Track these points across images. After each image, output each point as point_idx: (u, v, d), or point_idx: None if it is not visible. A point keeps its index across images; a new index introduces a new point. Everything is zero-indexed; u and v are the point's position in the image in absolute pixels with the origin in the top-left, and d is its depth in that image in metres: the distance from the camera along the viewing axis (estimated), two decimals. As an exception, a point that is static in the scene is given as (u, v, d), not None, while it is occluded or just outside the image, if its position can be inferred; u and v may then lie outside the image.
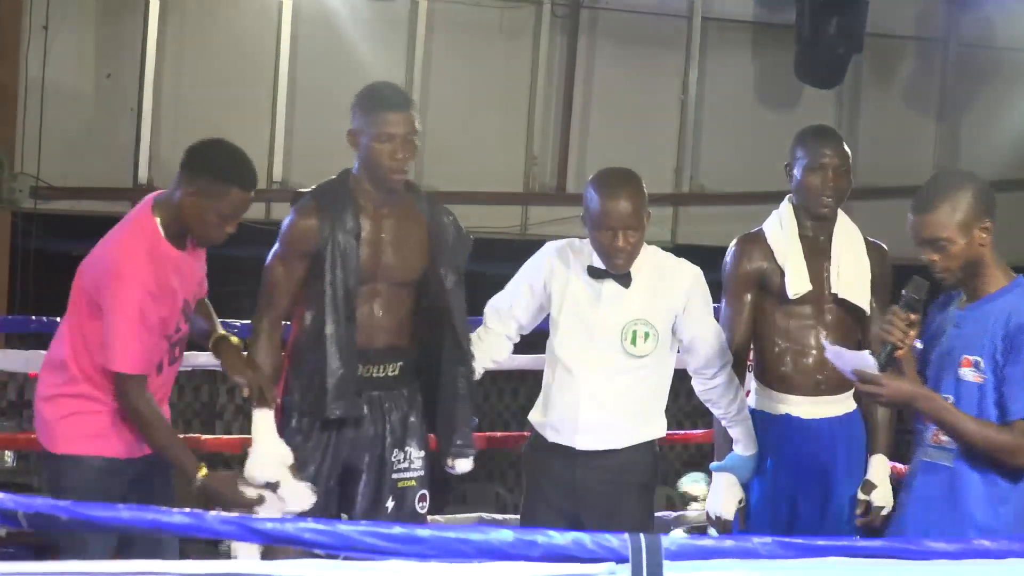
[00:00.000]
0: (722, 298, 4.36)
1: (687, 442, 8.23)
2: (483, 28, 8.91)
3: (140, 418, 3.77)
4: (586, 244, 4.07)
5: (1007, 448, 3.35)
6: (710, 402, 4.21)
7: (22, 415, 8.52)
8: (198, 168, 3.78)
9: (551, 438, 4.09)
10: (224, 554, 3.98)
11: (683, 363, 4.20)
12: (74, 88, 8.20)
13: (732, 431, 4.23)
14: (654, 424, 4.12)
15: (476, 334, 4.16)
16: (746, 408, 4.23)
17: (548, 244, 4.18)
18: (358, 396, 3.94)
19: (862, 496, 4.28)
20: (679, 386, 4.29)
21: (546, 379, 4.13)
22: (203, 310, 4.01)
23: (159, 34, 8.26)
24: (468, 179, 8.79)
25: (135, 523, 2.28)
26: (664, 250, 4.14)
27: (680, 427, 6.92)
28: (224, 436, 6.76)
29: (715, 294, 4.31)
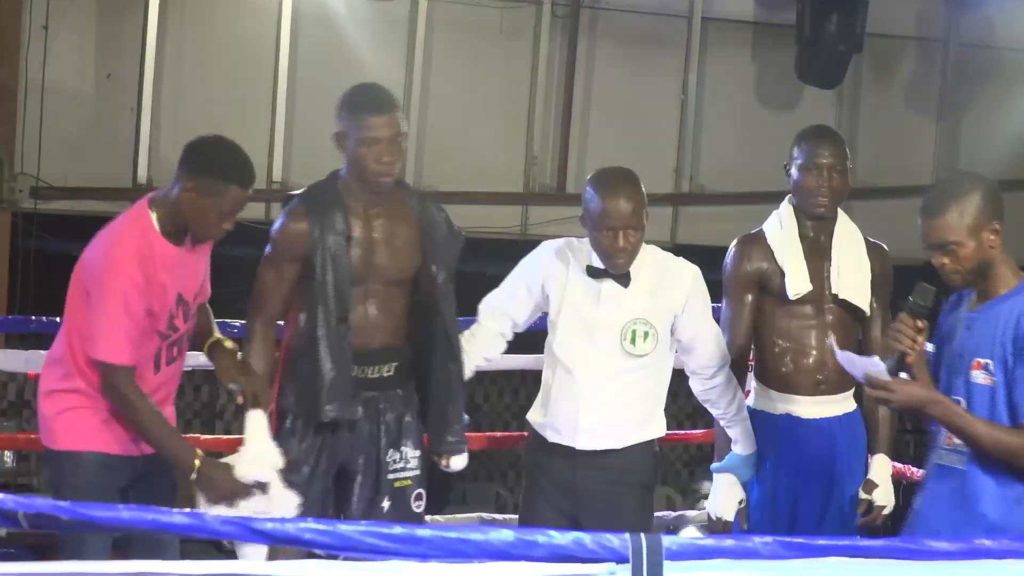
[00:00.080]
0: (722, 299, 4.37)
1: (687, 442, 8.23)
2: (483, 28, 8.90)
3: (128, 406, 3.76)
4: (584, 244, 4.06)
5: (1018, 451, 3.33)
6: (708, 402, 4.21)
7: (22, 415, 8.51)
8: (197, 165, 3.78)
9: (551, 438, 4.08)
10: (227, 554, 3.97)
11: (681, 363, 4.19)
12: (74, 88, 8.19)
13: (731, 431, 4.23)
14: (654, 424, 4.12)
15: (470, 331, 4.16)
16: (745, 408, 4.23)
17: (546, 243, 4.17)
18: (352, 398, 3.94)
19: (864, 496, 4.28)
20: (679, 386, 4.29)
21: (545, 379, 4.13)
22: (201, 312, 4.01)
23: (159, 34, 8.26)
24: (468, 179, 8.78)
25: (135, 523, 2.28)
26: (664, 250, 4.13)
27: (680, 427, 6.92)
28: (224, 436, 6.74)
29: (715, 294, 4.31)
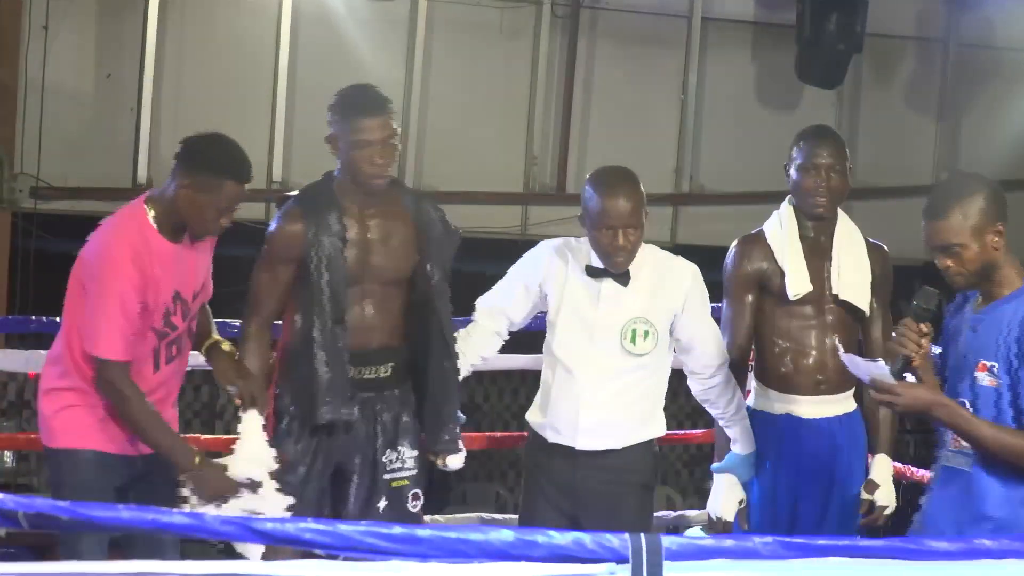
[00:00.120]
0: (723, 299, 4.36)
1: (687, 442, 8.22)
2: (483, 28, 8.90)
3: (123, 402, 3.75)
4: (583, 243, 4.06)
5: (1023, 453, 3.32)
6: (708, 402, 4.21)
7: (22, 415, 8.50)
8: (193, 162, 3.78)
9: (551, 438, 4.08)
10: (226, 554, 3.97)
11: (680, 363, 4.19)
12: (74, 88, 8.19)
13: (730, 431, 4.22)
14: (653, 424, 4.12)
15: (466, 330, 4.14)
16: (744, 407, 4.23)
17: (543, 243, 4.16)
18: (348, 400, 3.93)
19: (865, 496, 4.28)
20: (679, 386, 4.29)
21: (545, 379, 4.12)
22: (200, 313, 4.00)
23: (159, 34, 8.26)
24: (468, 179, 8.78)
25: (135, 523, 2.28)
26: (663, 250, 4.13)
27: (680, 427, 6.91)
28: (224, 436, 6.74)
29: (715, 294, 4.31)
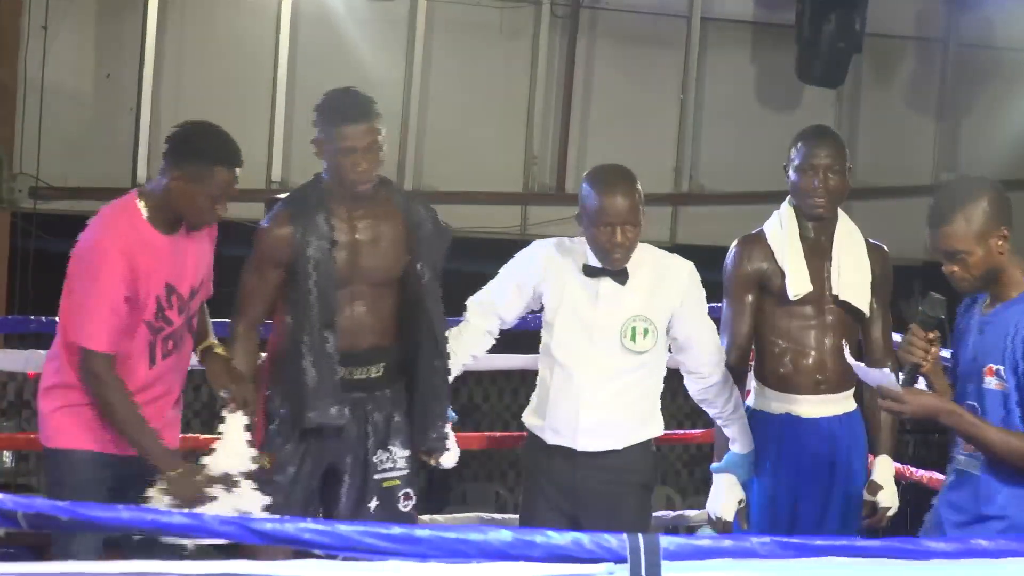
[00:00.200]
0: (723, 299, 4.36)
1: (687, 442, 8.22)
2: (482, 28, 8.90)
3: (103, 394, 3.74)
4: (577, 243, 4.04)
5: None
6: (705, 402, 4.19)
7: (21, 415, 8.50)
8: (181, 153, 3.79)
9: (550, 440, 4.06)
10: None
11: (677, 363, 4.18)
12: (73, 88, 8.19)
13: (728, 430, 4.21)
14: (653, 423, 4.11)
15: (457, 328, 4.13)
16: (742, 406, 4.22)
17: (536, 243, 4.13)
18: (336, 404, 3.92)
19: (868, 497, 4.28)
20: (679, 386, 4.28)
21: (542, 380, 4.10)
22: (199, 313, 4.00)
23: (158, 34, 8.26)
24: (467, 179, 8.79)
25: (135, 523, 2.28)
26: (660, 249, 4.12)
27: (680, 427, 6.91)
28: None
29: (715, 294, 4.30)
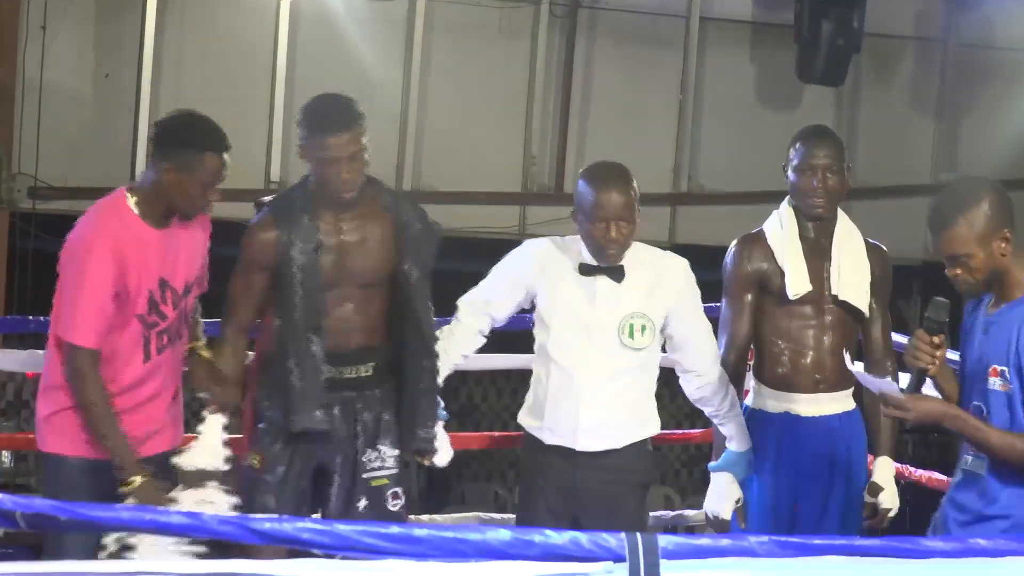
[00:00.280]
0: (722, 298, 4.36)
1: (686, 442, 8.22)
2: (481, 28, 8.91)
3: (82, 391, 3.73)
4: (571, 242, 4.03)
5: None
6: (702, 400, 4.18)
7: (20, 415, 8.51)
8: (169, 143, 3.79)
9: (548, 440, 4.05)
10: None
11: (672, 363, 4.17)
12: (72, 88, 8.20)
13: (724, 428, 4.20)
14: (651, 422, 4.11)
15: (449, 328, 4.11)
16: (737, 404, 4.21)
17: (529, 242, 4.12)
18: (321, 408, 3.91)
19: (869, 499, 4.28)
20: (679, 386, 4.28)
21: (537, 380, 4.08)
22: (192, 313, 3.99)
23: (157, 34, 8.26)
24: (466, 179, 8.79)
25: (134, 523, 2.28)
26: (654, 247, 4.11)
27: (679, 427, 6.92)
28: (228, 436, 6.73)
29: (714, 294, 4.30)
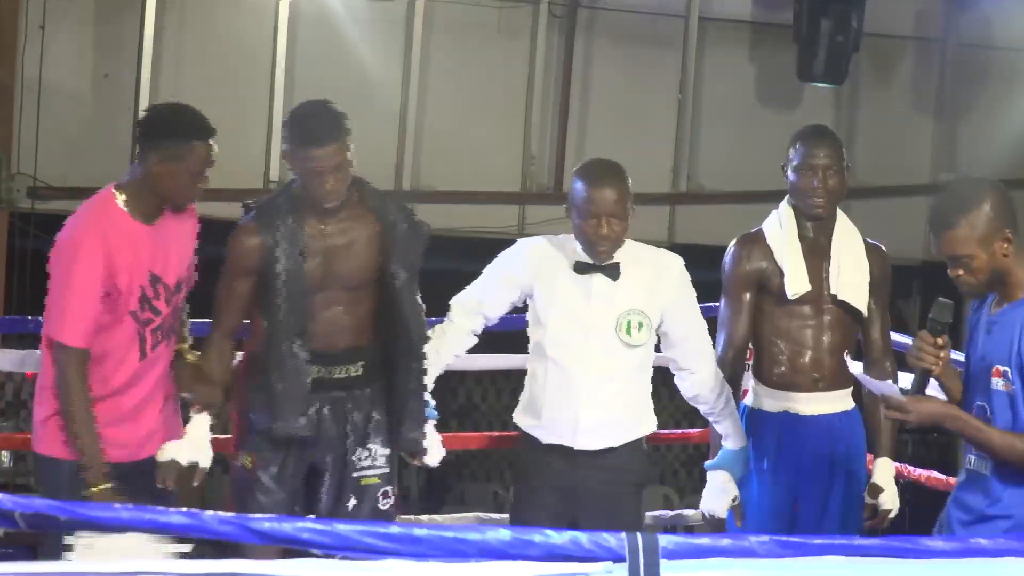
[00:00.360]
0: (721, 298, 4.36)
1: (686, 441, 8.22)
2: (481, 28, 8.91)
3: (65, 390, 3.71)
4: (566, 240, 4.02)
5: None
6: (697, 398, 4.16)
7: (19, 415, 8.51)
8: (155, 135, 3.80)
9: (546, 439, 4.04)
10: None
11: (666, 361, 4.16)
12: (71, 88, 8.20)
13: (720, 426, 4.20)
14: (647, 421, 4.10)
15: (441, 327, 4.10)
16: (733, 402, 4.21)
17: (523, 241, 4.11)
18: (302, 415, 3.91)
19: (869, 500, 4.27)
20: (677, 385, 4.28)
21: (533, 379, 4.07)
22: (180, 313, 3.98)
23: (156, 34, 8.26)
24: (465, 179, 8.79)
25: (134, 523, 2.28)
26: (648, 244, 4.11)
27: (678, 426, 6.92)
28: (220, 436, 6.73)
29: (713, 293, 4.30)
